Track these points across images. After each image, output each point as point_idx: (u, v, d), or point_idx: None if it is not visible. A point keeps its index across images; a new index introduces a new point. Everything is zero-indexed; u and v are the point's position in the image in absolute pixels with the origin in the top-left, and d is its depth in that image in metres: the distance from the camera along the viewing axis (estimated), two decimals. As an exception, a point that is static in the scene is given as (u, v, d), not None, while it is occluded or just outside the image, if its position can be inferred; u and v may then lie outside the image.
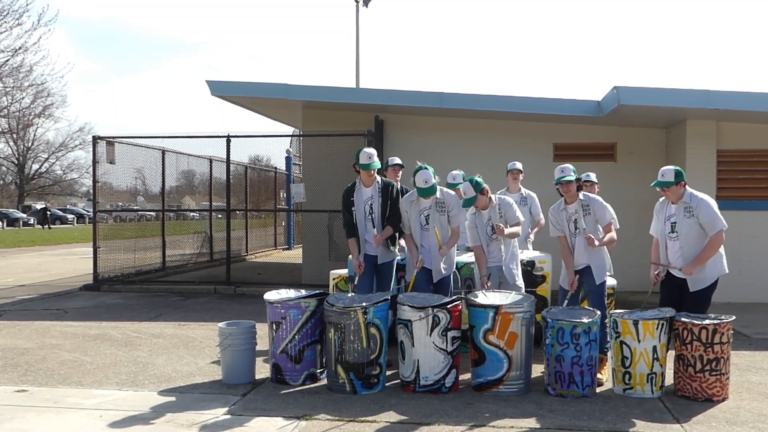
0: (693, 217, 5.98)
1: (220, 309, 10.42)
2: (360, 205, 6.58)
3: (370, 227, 6.59)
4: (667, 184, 6.02)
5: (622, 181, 11.81)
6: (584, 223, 6.29)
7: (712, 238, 5.96)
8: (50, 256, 21.71)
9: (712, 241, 5.97)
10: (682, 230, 6.02)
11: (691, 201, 6.02)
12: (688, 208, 6.01)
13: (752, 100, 10.07)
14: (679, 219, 6.04)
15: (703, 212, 5.96)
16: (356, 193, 6.60)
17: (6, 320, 9.41)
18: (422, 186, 6.26)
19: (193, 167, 17.65)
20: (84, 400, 5.63)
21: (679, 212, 6.05)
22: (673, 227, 6.08)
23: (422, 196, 6.34)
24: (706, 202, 6.01)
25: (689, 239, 6.01)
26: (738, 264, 10.60)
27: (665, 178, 6.04)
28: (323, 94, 12.41)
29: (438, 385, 5.78)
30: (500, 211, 6.47)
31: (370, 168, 6.47)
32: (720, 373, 5.58)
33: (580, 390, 5.66)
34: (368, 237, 6.61)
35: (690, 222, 5.99)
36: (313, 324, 6.09)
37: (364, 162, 6.48)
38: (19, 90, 38.13)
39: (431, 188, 6.28)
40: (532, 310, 5.88)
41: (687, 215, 6.01)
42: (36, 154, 60.75)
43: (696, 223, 5.97)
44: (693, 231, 6.00)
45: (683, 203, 6.03)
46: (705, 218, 5.95)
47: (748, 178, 10.90)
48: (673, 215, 6.10)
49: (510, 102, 11.63)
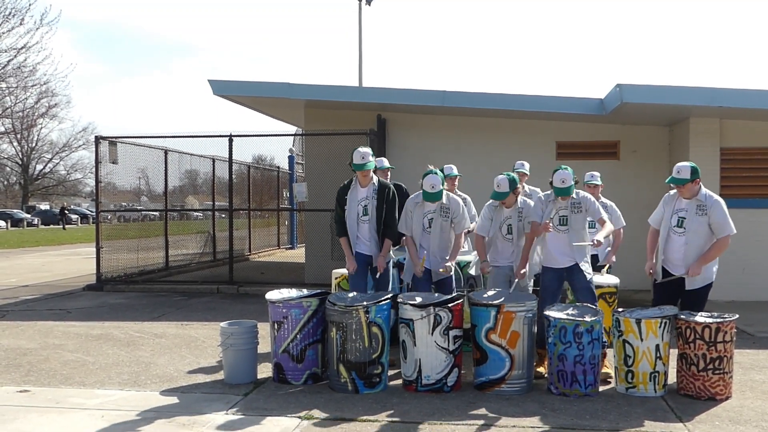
0: (705, 216, 5.94)
1: (223, 309, 10.42)
2: (353, 204, 6.55)
3: (364, 228, 6.57)
4: (683, 181, 5.93)
5: (626, 180, 11.78)
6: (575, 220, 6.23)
7: (721, 240, 5.93)
8: (54, 256, 21.75)
9: (720, 244, 5.94)
10: (691, 227, 5.98)
11: (706, 200, 5.96)
12: (702, 207, 5.96)
13: (756, 97, 10.03)
14: (690, 215, 5.98)
15: (716, 213, 5.92)
16: (351, 192, 6.57)
17: (9, 320, 9.42)
18: (429, 191, 6.25)
19: (197, 167, 17.68)
20: (86, 401, 5.63)
21: (691, 209, 5.99)
22: (681, 222, 6.02)
23: (427, 200, 6.34)
24: (720, 204, 5.98)
25: (697, 237, 5.97)
26: (741, 262, 10.59)
27: (681, 175, 5.94)
28: (325, 92, 12.40)
29: (440, 385, 5.77)
30: (521, 214, 6.45)
31: (365, 168, 6.44)
32: (723, 371, 5.56)
33: (582, 389, 5.64)
34: (360, 235, 6.59)
35: (701, 220, 5.95)
36: (314, 323, 6.09)
37: (358, 162, 6.44)
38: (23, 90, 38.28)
39: (437, 194, 6.27)
40: (534, 310, 5.86)
41: (699, 213, 5.96)
42: (40, 154, 60.97)
43: (706, 222, 5.94)
44: (702, 229, 5.96)
45: (697, 200, 5.98)
46: (717, 219, 5.91)
47: (751, 176, 10.86)
48: (683, 210, 6.03)
49: (513, 100, 11.61)
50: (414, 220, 6.46)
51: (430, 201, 6.34)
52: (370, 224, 6.56)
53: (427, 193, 6.28)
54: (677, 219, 6.05)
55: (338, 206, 6.64)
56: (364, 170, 6.46)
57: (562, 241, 6.23)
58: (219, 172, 17.14)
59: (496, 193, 6.40)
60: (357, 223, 6.57)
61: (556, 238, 6.24)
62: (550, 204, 6.32)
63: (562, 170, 6.21)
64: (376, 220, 6.56)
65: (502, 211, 6.50)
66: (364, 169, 6.45)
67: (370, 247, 6.59)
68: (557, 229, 6.23)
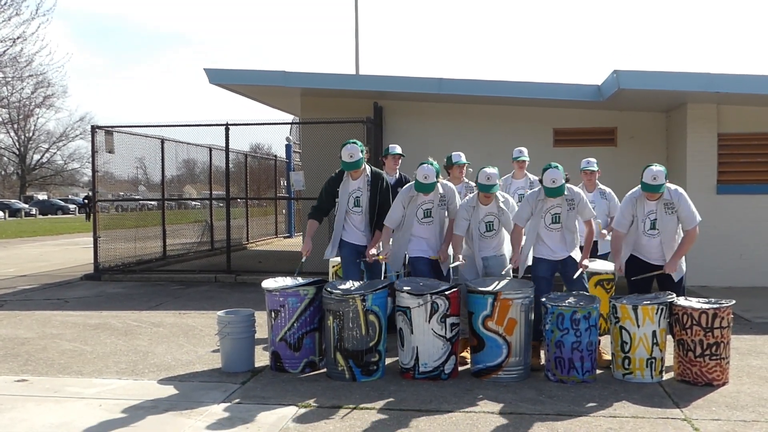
0: (674, 213, 5.96)
1: (221, 297, 10.42)
2: (344, 195, 6.53)
3: (356, 219, 6.55)
4: (661, 188, 5.91)
5: (623, 166, 11.72)
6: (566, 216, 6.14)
7: (691, 231, 5.99)
8: (52, 246, 21.73)
9: (691, 235, 6.00)
10: (663, 227, 5.99)
11: (672, 197, 5.97)
12: (669, 204, 5.97)
13: (753, 83, 10.00)
14: (660, 216, 5.99)
15: (683, 207, 5.95)
16: (343, 184, 6.53)
17: (7, 310, 9.42)
18: (421, 181, 6.18)
19: (194, 156, 17.65)
20: (84, 390, 5.63)
21: (660, 209, 5.99)
22: (654, 224, 6.02)
23: (420, 191, 6.26)
24: (685, 196, 6.01)
25: (671, 235, 6.02)
26: (739, 248, 10.61)
27: (658, 181, 5.89)
28: (321, 81, 12.34)
29: (437, 372, 5.77)
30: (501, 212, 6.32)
31: (355, 168, 6.38)
32: (720, 357, 5.57)
33: (580, 375, 5.65)
34: (352, 226, 6.57)
35: (671, 218, 5.98)
36: (311, 312, 6.08)
37: (347, 161, 6.35)
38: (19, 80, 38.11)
39: (430, 185, 6.20)
40: (531, 297, 5.86)
41: (668, 212, 5.97)
42: (37, 144, 60.85)
43: (676, 218, 5.96)
44: (673, 226, 6.01)
45: (663, 200, 5.98)
46: (684, 212, 5.94)
47: (749, 162, 10.83)
48: (653, 212, 6.02)
49: (509, 87, 11.57)
50: (408, 210, 6.38)
51: (422, 192, 6.26)
52: (363, 215, 6.54)
53: (420, 184, 6.20)
54: (649, 222, 6.04)
55: (325, 194, 6.61)
56: (355, 170, 6.41)
57: (555, 238, 6.17)
58: (216, 161, 17.10)
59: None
60: (346, 214, 6.55)
61: (549, 236, 6.17)
62: (540, 202, 6.14)
63: (552, 169, 6.00)
64: (369, 211, 6.53)
65: (481, 210, 6.32)
66: (354, 169, 6.40)
67: (365, 237, 6.58)
68: (549, 228, 6.15)
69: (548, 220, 6.15)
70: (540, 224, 6.16)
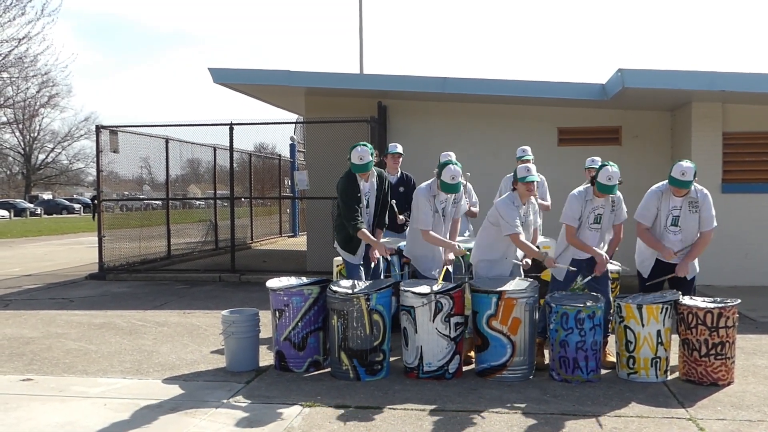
0: (697, 213, 5.93)
1: (225, 297, 10.44)
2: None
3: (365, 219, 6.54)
4: (690, 184, 5.86)
5: (627, 165, 11.69)
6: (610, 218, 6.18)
7: (706, 234, 5.97)
8: (56, 245, 21.79)
9: (705, 238, 6.00)
10: (686, 225, 5.96)
11: (698, 195, 5.94)
12: (694, 203, 5.94)
13: (758, 81, 9.96)
14: (684, 213, 5.96)
15: (706, 207, 5.93)
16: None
17: (12, 309, 9.45)
18: (449, 182, 6.10)
19: (198, 156, 17.66)
20: (89, 389, 5.65)
21: (684, 206, 5.96)
22: (675, 221, 6.00)
23: (447, 192, 6.21)
24: (709, 198, 6.00)
25: (692, 234, 5.99)
26: (744, 247, 10.57)
27: (687, 177, 5.81)
28: (326, 80, 12.34)
29: (441, 371, 5.77)
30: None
31: (365, 170, 6.33)
32: (725, 357, 5.55)
33: (584, 375, 5.64)
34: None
35: (694, 217, 5.96)
36: (316, 311, 6.09)
37: (357, 163, 6.30)
38: (24, 80, 38.24)
39: (457, 186, 6.19)
40: (536, 296, 5.85)
41: (692, 210, 5.94)
42: (42, 144, 61.04)
43: (698, 217, 5.94)
44: (695, 225, 5.98)
45: (689, 197, 5.95)
46: (706, 213, 5.93)
47: (754, 161, 10.80)
48: (677, 208, 5.99)
49: (514, 86, 11.54)
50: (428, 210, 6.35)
51: (450, 192, 6.23)
52: (370, 216, 6.54)
53: (447, 185, 6.13)
54: (672, 218, 6.01)
55: (354, 201, 6.34)
56: (364, 172, 6.38)
57: (594, 239, 6.15)
58: (220, 161, 17.12)
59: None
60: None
61: (589, 236, 6.15)
62: (588, 203, 6.11)
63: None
64: (374, 211, 6.54)
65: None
66: (364, 172, 6.37)
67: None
68: (590, 227, 6.14)
69: (590, 220, 6.14)
70: (584, 224, 6.15)
